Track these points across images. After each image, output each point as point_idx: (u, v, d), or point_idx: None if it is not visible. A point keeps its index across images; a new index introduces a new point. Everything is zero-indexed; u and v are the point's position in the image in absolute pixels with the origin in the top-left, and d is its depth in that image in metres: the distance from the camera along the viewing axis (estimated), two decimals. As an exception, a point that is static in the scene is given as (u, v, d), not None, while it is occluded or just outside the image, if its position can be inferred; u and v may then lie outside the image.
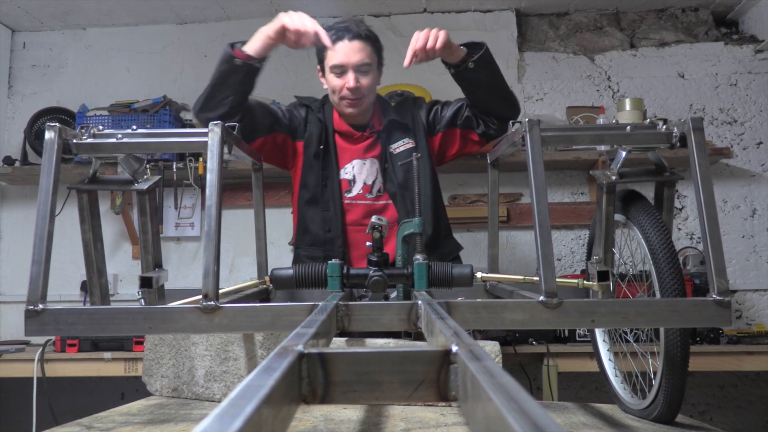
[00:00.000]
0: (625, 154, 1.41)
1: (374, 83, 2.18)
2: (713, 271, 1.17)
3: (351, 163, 2.23)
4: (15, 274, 3.84)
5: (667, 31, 3.84)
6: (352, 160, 2.24)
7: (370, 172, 2.23)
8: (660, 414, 1.34)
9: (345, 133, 2.26)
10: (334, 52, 2.10)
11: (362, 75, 2.12)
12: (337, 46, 2.09)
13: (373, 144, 2.26)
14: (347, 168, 2.23)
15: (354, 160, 2.24)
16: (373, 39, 2.14)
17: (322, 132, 2.23)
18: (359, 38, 2.09)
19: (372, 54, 2.13)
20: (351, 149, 2.26)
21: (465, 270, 1.57)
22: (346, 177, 2.23)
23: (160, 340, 1.74)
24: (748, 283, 3.58)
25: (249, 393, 0.47)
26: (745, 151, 3.67)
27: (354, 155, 2.25)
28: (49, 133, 1.28)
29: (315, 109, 2.28)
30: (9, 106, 3.97)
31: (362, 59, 2.10)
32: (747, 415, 3.54)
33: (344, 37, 2.09)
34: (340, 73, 2.12)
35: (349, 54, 2.09)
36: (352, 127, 2.25)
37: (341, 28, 2.10)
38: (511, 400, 0.45)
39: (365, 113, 2.23)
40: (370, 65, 2.12)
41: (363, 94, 2.13)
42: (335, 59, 2.11)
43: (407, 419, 1.37)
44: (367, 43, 2.11)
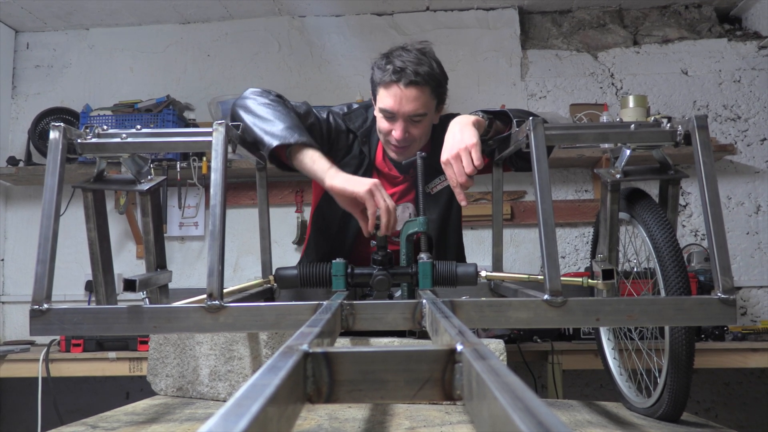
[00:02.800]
0: (630, 152, 1.41)
1: (428, 130, 1.90)
2: (718, 268, 1.17)
3: None
4: (20, 273, 3.85)
5: (670, 27, 3.83)
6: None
7: (401, 218, 1.92)
8: (665, 412, 1.34)
9: (386, 174, 1.99)
10: (386, 96, 1.80)
11: (414, 125, 1.83)
12: (391, 89, 1.79)
13: (411, 186, 1.99)
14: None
15: None
16: (434, 82, 1.81)
17: (360, 166, 1.96)
18: (416, 85, 1.77)
19: (429, 101, 1.82)
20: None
21: (469, 269, 1.58)
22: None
23: (164, 339, 1.74)
24: (753, 280, 3.57)
25: (254, 392, 0.47)
26: (749, 148, 3.66)
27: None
28: (54, 133, 1.28)
29: (360, 138, 1.96)
30: (13, 106, 3.98)
31: (416, 109, 1.79)
32: (752, 412, 3.54)
33: (400, 80, 1.77)
34: (389, 118, 1.83)
35: (401, 103, 1.78)
36: (396, 166, 1.98)
37: (398, 68, 1.77)
38: (516, 399, 0.45)
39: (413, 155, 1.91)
40: (425, 115, 1.82)
41: (412, 143, 1.87)
42: (385, 103, 1.80)
43: (412, 418, 1.37)
44: (424, 90, 1.79)
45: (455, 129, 1.64)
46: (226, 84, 3.88)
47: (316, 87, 3.85)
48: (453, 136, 1.62)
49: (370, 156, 1.96)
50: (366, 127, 1.97)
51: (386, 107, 1.80)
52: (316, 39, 3.91)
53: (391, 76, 1.77)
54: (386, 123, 1.84)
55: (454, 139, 1.61)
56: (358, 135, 1.96)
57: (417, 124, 1.83)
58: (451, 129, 1.65)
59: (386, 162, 1.99)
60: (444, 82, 1.87)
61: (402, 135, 1.81)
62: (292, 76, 3.90)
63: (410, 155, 1.90)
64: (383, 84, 1.80)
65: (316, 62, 3.90)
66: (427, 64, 1.80)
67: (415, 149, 1.89)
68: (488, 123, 1.72)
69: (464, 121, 1.65)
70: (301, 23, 3.93)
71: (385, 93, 1.80)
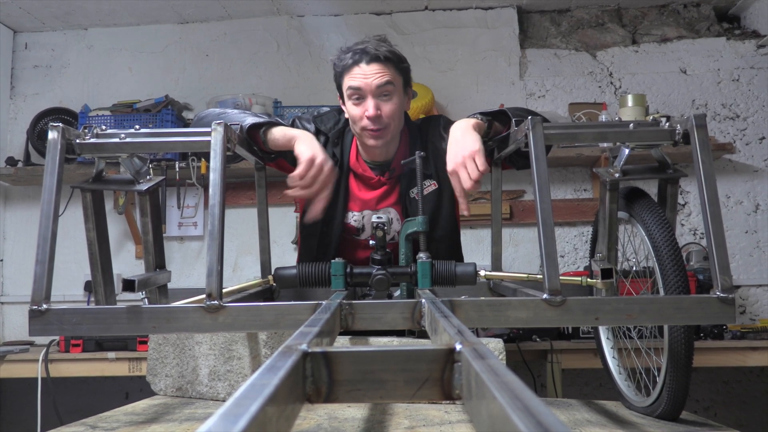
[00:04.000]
0: (629, 151, 1.41)
1: (399, 109, 1.88)
2: (717, 267, 1.17)
3: (361, 212, 1.97)
4: (19, 274, 3.85)
5: (669, 26, 3.83)
6: (363, 210, 1.96)
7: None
8: (664, 411, 1.34)
9: (361, 175, 1.97)
10: (351, 78, 1.82)
11: (383, 101, 1.82)
12: (354, 70, 1.82)
13: (390, 190, 1.97)
14: (356, 215, 1.97)
15: (365, 211, 1.96)
16: (395, 59, 1.84)
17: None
18: (378, 60, 1.80)
19: (395, 76, 1.84)
20: (363, 197, 1.98)
21: (468, 268, 1.58)
22: (354, 224, 1.97)
23: (164, 339, 1.74)
24: (752, 279, 3.58)
25: (253, 392, 0.47)
26: (747, 147, 3.67)
27: (366, 205, 1.97)
28: (53, 134, 1.28)
29: (332, 139, 1.96)
30: (11, 106, 3.98)
31: (382, 80, 1.80)
32: (751, 411, 3.54)
33: (362, 60, 1.81)
34: (358, 99, 1.83)
35: (367, 77, 1.80)
36: (371, 165, 1.97)
37: (358, 50, 1.82)
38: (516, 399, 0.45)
39: (390, 145, 1.94)
40: (393, 86, 1.83)
41: (386, 123, 1.84)
42: (352, 83, 1.82)
43: (411, 417, 1.37)
44: (387, 65, 1.82)
45: (457, 135, 1.63)
46: (224, 84, 3.88)
47: (314, 87, 3.85)
48: (456, 143, 1.61)
49: (343, 158, 1.94)
50: (338, 128, 1.97)
51: (353, 85, 1.81)
52: (315, 39, 3.91)
53: (352, 58, 1.81)
54: (357, 108, 1.84)
55: (457, 146, 1.60)
56: (329, 136, 1.95)
57: (387, 101, 1.82)
58: (452, 135, 1.64)
59: (360, 163, 1.97)
60: (406, 63, 1.89)
61: (374, 111, 1.80)
62: (290, 76, 3.90)
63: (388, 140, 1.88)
64: (347, 69, 1.83)
65: (314, 62, 3.90)
66: (386, 45, 1.84)
67: (391, 133, 1.87)
68: (487, 125, 1.71)
69: (465, 127, 1.65)
70: (299, 23, 3.93)
71: (349, 76, 1.82)
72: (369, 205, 1.97)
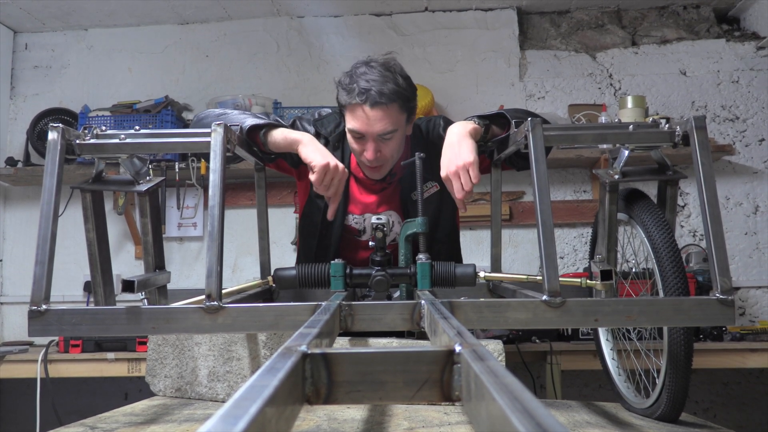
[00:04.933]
0: (628, 152, 1.41)
1: (400, 145, 1.86)
2: (716, 268, 1.17)
3: (363, 215, 1.97)
4: (18, 274, 3.85)
5: (668, 28, 3.83)
6: (364, 213, 1.97)
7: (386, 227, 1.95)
8: (664, 412, 1.34)
9: (361, 180, 1.96)
10: (353, 118, 1.78)
11: (384, 142, 1.80)
12: (357, 112, 1.76)
13: (391, 193, 1.97)
14: (357, 218, 1.97)
15: (366, 214, 1.97)
16: (401, 99, 1.77)
17: None
18: (381, 105, 1.73)
19: (398, 117, 1.78)
20: (364, 200, 1.98)
21: (468, 269, 1.58)
22: (356, 226, 1.97)
23: (163, 340, 1.74)
24: (751, 280, 3.58)
25: (253, 393, 0.47)
26: (747, 148, 3.67)
27: (367, 208, 1.97)
28: (52, 134, 1.28)
29: (332, 143, 1.93)
30: (11, 107, 3.98)
31: (384, 129, 1.76)
32: (751, 413, 3.54)
33: (366, 102, 1.73)
34: (359, 138, 1.80)
35: (369, 123, 1.75)
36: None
37: (363, 90, 1.73)
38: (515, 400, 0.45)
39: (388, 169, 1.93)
40: (395, 132, 1.79)
41: (385, 161, 1.84)
42: (353, 124, 1.78)
43: (411, 418, 1.37)
44: (392, 108, 1.75)
45: (453, 140, 1.62)
46: (224, 84, 3.88)
47: (314, 87, 3.85)
48: (451, 149, 1.60)
49: (344, 162, 1.88)
50: (338, 132, 1.94)
51: (355, 128, 1.78)
52: (315, 39, 3.91)
53: (356, 98, 1.74)
54: (357, 144, 1.82)
55: (452, 153, 1.59)
56: (330, 140, 1.93)
57: (388, 142, 1.80)
58: (448, 140, 1.63)
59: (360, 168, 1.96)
60: (412, 96, 1.83)
61: (373, 155, 1.79)
62: (290, 77, 3.90)
63: (385, 173, 1.89)
64: (349, 106, 1.78)
65: (314, 63, 3.90)
66: (392, 80, 1.76)
67: (389, 166, 1.87)
68: (485, 129, 1.70)
69: (461, 132, 1.63)
70: (299, 24, 3.93)
71: (351, 115, 1.78)
72: (370, 208, 1.97)
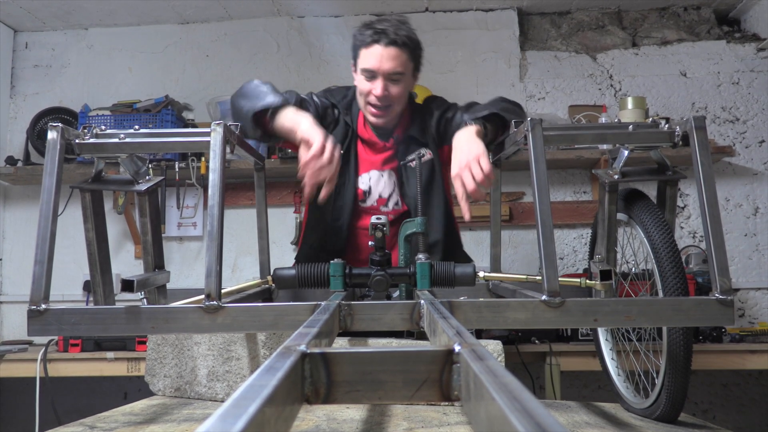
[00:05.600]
0: (628, 153, 1.41)
1: (405, 91, 2.04)
2: (716, 269, 1.17)
3: (368, 173, 2.13)
4: (18, 274, 3.85)
5: (669, 29, 3.83)
6: (371, 170, 2.13)
7: (387, 185, 2.13)
8: (663, 413, 1.34)
9: (367, 140, 2.13)
10: (367, 55, 1.96)
11: (393, 83, 1.97)
12: (372, 49, 1.95)
13: (393, 155, 2.13)
14: (364, 177, 2.13)
15: (372, 171, 2.13)
16: (411, 45, 1.98)
17: (346, 136, 2.11)
18: (395, 45, 1.93)
19: (407, 62, 1.98)
20: (371, 159, 2.13)
21: (467, 269, 1.57)
22: (362, 187, 2.12)
23: (162, 339, 1.74)
24: (751, 282, 3.58)
25: (252, 393, 0.47)
26: (747, 150, 3.67)
27: (373, 165, 2.13)
28: (52, 134, 1.28)
29: (342, 109, 2.14)
30: (11, 106, 3.98)
31: (394, 68, 1.95)
32: (750, 414, 3.54)
33: (380, 40, 1.93)
34: (369, 78, 1.98)
35: (381, 60, 1.94)
36: (376, 133, 2.12)
37: (379, 30, 1.94)
38: (514, 400, 0.45)
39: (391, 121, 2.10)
40: (403, 74, 1.98)
41: (391, 103, 2.01)
42: (367, 63, 1.96)
43: (410, 418, 1.37)
44: (403, 50, 1.95)
45: (462, 141, 1.73)
46: (224, 84, 3.88)
47: (314, 87, 3.79)
48: (461, 151, 1.70)
49: (353, 125, 2.10)
50: (347, 99, 2.15)
51: (367, 66, 1.96)
52: (315, 40, 3.91)
53: (372, 37, 1.94)
54: (367, 83, 1.99)
55: (462, 153, 1.69)
56: (339, 107, 2.13)
57: (396, 84, 1.97)
58: (457, 144, 1.74)
59: (367, 129, 2.12)
60: (420, 49, 2.03)
61: (382, 92, 1.96)
62: (291, 77, 3.90)
63: (389, 118, 2.05)
64: (365, 45, 1.96)
65: (315, 63, 3.90)
66: (405, 29, 1.97)
67: (394, 113, 2.04)
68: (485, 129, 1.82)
69: (468, 135, 1.75)
70: (300, 24, 3.93)
71: (366, 53, 1.96)
72: (375, 165, 2.13)
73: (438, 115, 2.15)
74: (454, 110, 2.14)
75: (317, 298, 1.32)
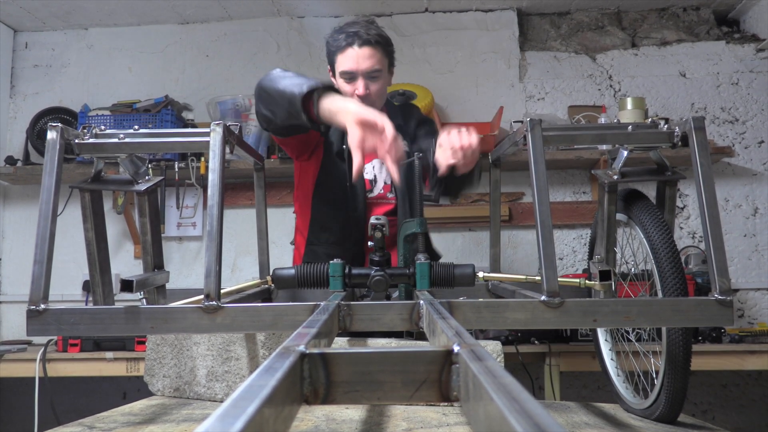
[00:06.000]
0: (627, 153, 1.41)
1: (384, 87, 2.14)
2: (715, 270, 1.17)
3: (371, 163, 2.20)
4: (17, 273, 3.85)
5: (668, 30, 3.83)
6: (372, 159, 2.19)
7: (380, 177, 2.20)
8: (662, 413, 1.34)
9: None
10: (344, 58, 2.05)
11: (372, 81, 2.07)
12: (347, 52, 2.04)
13: None
14: (367, 167, 2.19)
15: (374, 160, 2.20)
16: (383, 43, 2.08)
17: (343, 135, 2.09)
18: (369, 44, 2.03)
19: (382, 59, 2.08)
20: None
21: (467, 270, 1.57)
22: (367, 177, 2.19)
23: (161, 339, 1.74)
24: (750, 282, 3.58)
25: (251, 393, 0.47)
26: (746, 150, 3.67)
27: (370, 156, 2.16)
28: (52, 133, 1.28)
29: None
30: (11, 105, 3.98)
31: (372, 66, 2.04)
32: (749, 415, 3.54)
33: (354, 43, 2.03)
34: (349, 80, 2.06)
35: (358, 61, 2.03)
36: None
37: (351, 33, 2.04)
38: (513, 401, 0.45)
39: None
40: (380, 71, 2.08)
41: (373, 101, 2.07)
42: (345, 65, 2.05)
43: (409, 419, 1.37)
44: (377, 49, 2.05)
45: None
46: (224, 84, 3.88)
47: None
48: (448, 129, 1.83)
49: None
50: None
51: (346, 69, 2.04)
52: (315, 40, 3.91)
53: (346, 40, 2.03)
54: (348, 86, 2.06)
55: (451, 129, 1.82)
56: None
57: (375, 81, 2.06)
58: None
59: None
60: (392, 46, 2.13)
61: (364, 90, 2.03)
62: (290, 77, 3.89)
63: None
64: (340, 50, 2.05)
65: (314, 63, 3.90)
66: (375, 28, 2.07)
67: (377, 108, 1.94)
68: None
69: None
70: (299, 24, 3.93)
71: (343, 57, 2.05)
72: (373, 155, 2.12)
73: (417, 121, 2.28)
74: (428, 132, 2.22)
75: (317, 299, 1.32)
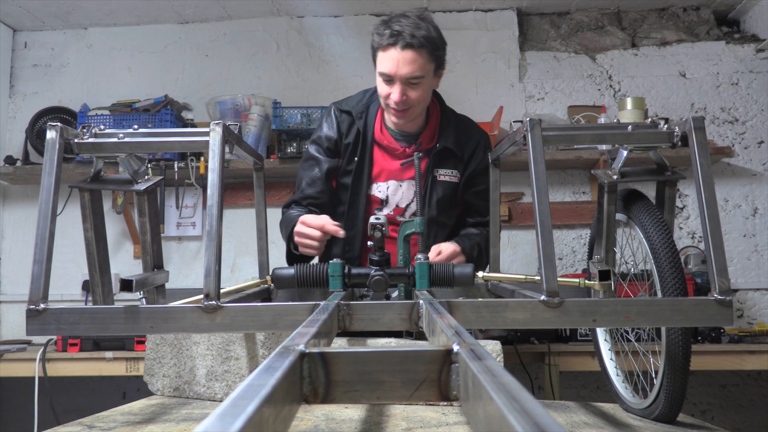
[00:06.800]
0: (627, 153, 1.41)
1: (426, 93, 1.96)
2: (715, 270, 1.17)
3: (386, 183, 2.07)
4: (17, 273, 3.84)
5: (668, 30, 3.83)
6: (388, 180, 2.06)
7: (405, 195, 2.08)
8: (661, 413, 1.34)
9: (386, 146, 2.06)
10: (384, 58, 1.88)
11: (411, 87, 1.90)
12: (388, 52, 1.86)
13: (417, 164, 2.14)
14: (381, 186, 2.07)
15: (390, 181, 2.07)
16: (430, 46, 1.87)
17: (358, 143, 2.04)
18: (412, 48, 1.84)
19: (426, 64, 1.88)
20: (389, 167, 2.06)
21: (466, 269, 1.57)
22: (379, 195, 2.07)
23: (161, 339, 1.74)
24: (750, 282, 3.58)
25: (250, 392, 0.47)
26: (746, 150, 3.67)
27: (391, 175, 2.07)
28: (51, 133, 1.28)
29: (356, 115, 2.05)
30: (10, 105, 3.98)
31: (412, 72, 1.86)
32: (748, 415, 3.54)
33: (397, 43, 1.84)
34: (387, 81, 1.90)
35: (398, 65, 1.85)
36: (397, 136, 2.06)
37: (396, 32, 1.84)
38: (513, 400, 0.45)
39: (417, 119, 2.03)
40: (422, 77, 1.89)
41: (410, 106, 1.93)
42: (384, 66, 1.88)
43: (408, 419, 1.37)
44: (421, 53, 1.85)
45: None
46: (224, 84, 3.88)
47: (314, 87, 3.85)
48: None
49: (367, 131, 2.04)
50: (362, 103, 2.07)
51: (384, 71, 1.88)
52: (315, 39, 3.91)
53: (388, 40, 1.85)
54: (385, 87, 1.92)
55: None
56: (353, 112, 2.05)
57: (415, 87, 1.90)
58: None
59: (385, 134, 2.05)
60: (442, 46, 1.94)
61: (400, 98, 1.89)
62: (290, 77, 3.90)
63: (410, 120, 1.99)
64: (381, 48, 1.88)
65: (314, 63, 3.90)
66: (424, 28, 1.86)
67: (415, 113, 1.97)
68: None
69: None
70: (299, 24, 3.93)
71: (383, 56, 1.89)
72: (394, 174, 2.06)
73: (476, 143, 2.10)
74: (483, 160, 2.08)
75: (316, 298, 1.32)
